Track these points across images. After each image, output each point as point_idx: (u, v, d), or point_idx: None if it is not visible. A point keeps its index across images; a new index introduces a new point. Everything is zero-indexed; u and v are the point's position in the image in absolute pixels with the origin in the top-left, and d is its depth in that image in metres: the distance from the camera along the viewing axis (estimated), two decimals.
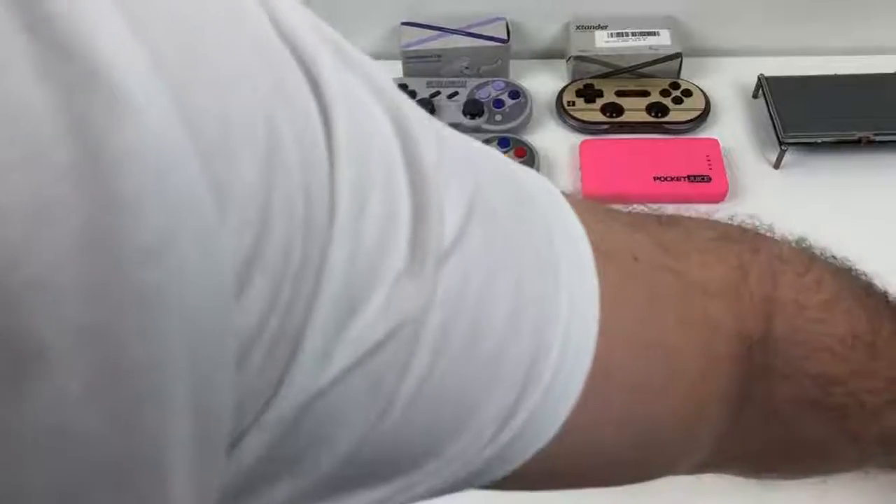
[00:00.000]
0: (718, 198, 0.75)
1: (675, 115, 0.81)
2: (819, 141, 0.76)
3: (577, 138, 0.81)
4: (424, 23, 0.85)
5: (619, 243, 0.31)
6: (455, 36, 0.84)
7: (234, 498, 0.23)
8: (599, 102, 0.82)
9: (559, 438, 0.27)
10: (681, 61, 0.84)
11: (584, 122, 0.81)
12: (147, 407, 0.19)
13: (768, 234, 0.37)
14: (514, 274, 0.26)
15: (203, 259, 0.19)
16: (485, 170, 0.28)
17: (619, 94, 0.83)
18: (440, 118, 0.81)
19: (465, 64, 0.85)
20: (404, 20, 0.86)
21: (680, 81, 0.84)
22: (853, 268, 0.40)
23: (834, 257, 0.38)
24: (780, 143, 0.76)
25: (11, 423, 0.17)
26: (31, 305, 0.16)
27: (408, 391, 0.24)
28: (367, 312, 0.23)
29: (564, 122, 0.83)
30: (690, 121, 0.81)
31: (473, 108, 0.80)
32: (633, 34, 0.84)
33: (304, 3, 0.25)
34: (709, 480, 0.59)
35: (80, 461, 0.18)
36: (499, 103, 0.82)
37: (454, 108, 0.81)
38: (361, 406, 0.24)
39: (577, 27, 0.85)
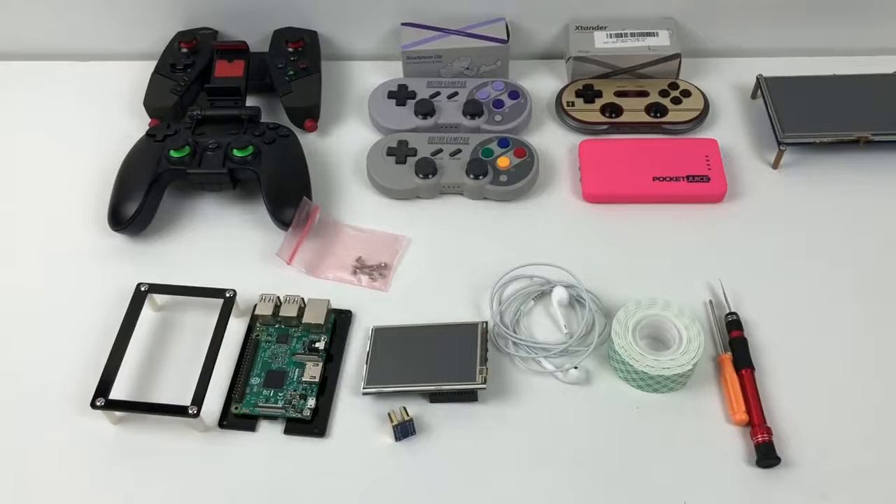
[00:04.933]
0: (717, 198, 0.76)
1: (674, 116, 0.81)
2: (817, 141, 0.77)
3: (577, 138, 0.81)
4: (424, 23, 0.86)
5: None
6: (455, 36, 0.85)
7: None
8: (599, 103, 0.83)
9: None
10: (680, 62, 0.84)
11: (583, 122, 0.82)
12: None
13: None
14: None
15: None
16: None
17: (619, 94, 0.83)
18: (440, 118, 0.81)
19: (465, 64, 0.85)
20: (404, 21, 0.86)
21: (679, 82, 0.84)
22: None
23: None
24: (779, 143, 0.77)
25: None
26: None
27: None
28: None
29: (564, 122, 0.83)
30: (689, 121, 0.81)
31: (473, 109, 0.81)
32: (633, 35, 0.84)
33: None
34: (705, 479, 0.60)
35: None
36: (499, 104, 0.82)
37: (454, 109, 0.82)
38: None
39: (577, 28, 0.86)
